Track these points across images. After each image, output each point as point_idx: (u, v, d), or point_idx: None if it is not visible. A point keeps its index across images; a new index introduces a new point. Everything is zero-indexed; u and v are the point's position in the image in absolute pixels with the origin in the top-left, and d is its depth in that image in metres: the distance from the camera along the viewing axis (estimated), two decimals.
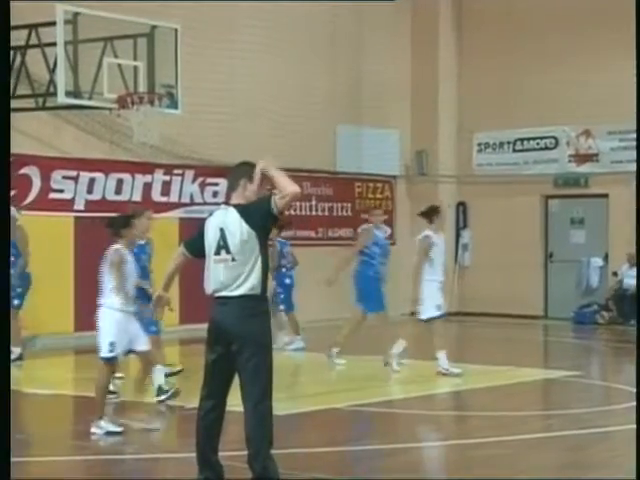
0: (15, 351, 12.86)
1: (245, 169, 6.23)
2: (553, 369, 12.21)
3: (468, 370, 12.06)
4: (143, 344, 8.57)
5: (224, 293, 5.97)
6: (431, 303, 11.50)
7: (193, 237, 6.28)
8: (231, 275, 5.94)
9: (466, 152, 20.17)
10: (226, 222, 6.00)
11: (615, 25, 17.45)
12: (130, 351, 8.55)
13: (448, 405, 10.40)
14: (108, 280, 8.32)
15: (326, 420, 8.95)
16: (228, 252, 5.96)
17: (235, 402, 6.16)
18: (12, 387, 11.25)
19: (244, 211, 5.98)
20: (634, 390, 8.65)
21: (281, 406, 8.82)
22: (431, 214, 11.80)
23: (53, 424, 9.24)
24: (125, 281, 8.31)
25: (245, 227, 5.93)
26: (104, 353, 8.35)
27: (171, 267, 6.42)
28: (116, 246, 8.38)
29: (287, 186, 5.94)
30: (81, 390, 10.99)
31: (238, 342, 5.91)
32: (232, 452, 7.41)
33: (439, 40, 20.12)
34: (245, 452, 6.01)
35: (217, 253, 6.00)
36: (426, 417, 9.34)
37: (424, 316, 11.55)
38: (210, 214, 6.22)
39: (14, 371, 12.26)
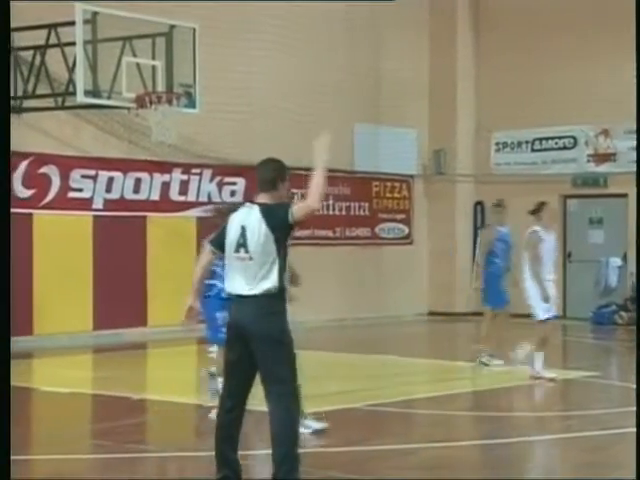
0: None
1: (276, 167, 6.16)
2: (571, 369, 12.16)
3: (485, 370, 12.03)
4: None
5: (241, 292, 5.95)
6: (541, 303, 11.12)
7: (218, 234, 6.21)
8: (249, 274, 5.91)
9: (484, 151, 20.12)
10: (248, 220, 5.95)
11: (635, 23, 17.33)
12: None
13: (466, 405, 10.38)
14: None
15: (343, 420, 8.94)
16: (247, 251, 5.92)
17: (251, 401, 6.16)
18: (31, 385, 11.35)
19: (267, 211, 5.93)
20: None
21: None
22: (538, 210, 11.53)
23: (71, 422, 9.27)
24: None
25: (264, 228, 5.89)
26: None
27: (198, 271, 6.29)
28: None
29: (312, 197, 5.82)
30: (99, 389, 11.04)
31: (255, 341, 5.89)
32: (247, 451, 7.42)
33: (457, 39, 20.08)
34: (261, 451, 6.01)
35: (236, 251, 5.97)
36: (444, 417, 9.32)
37: (541, 317, 11.15)
38: (231, 209, 6.16)
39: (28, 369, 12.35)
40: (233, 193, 17.14)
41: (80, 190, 15.22)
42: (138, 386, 11.13)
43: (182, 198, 16.40)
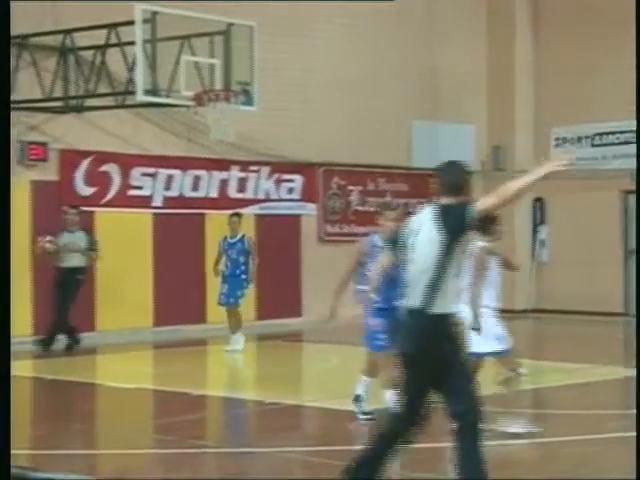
0: None
1: (465, 171, 5.80)
2: (633, 367, 11.98)
3: (546, 368, 11.92)
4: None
5: (406, 298, 5.55)
6: None
7: (395, 235, 5.84)
8: (409, 280, 5.52)
9: (543, 147, 19.92)
10: (423, 221, 5.57)
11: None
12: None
13: (526, 403, 10.29)
14: (477, 280, 7.98)
15: None
16: (414, 253, 5.51)
17: (310, 397, 6.17)
18: (95, 381, 11.50)
19: (443, 211, 5.51)
20: None
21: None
22: None
23: (134, 418, 9.38)
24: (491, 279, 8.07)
25: (436, 229, 5.46)
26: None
27: (377, 273, 5.90)
28: (481, 244, 7.95)
29: (501, 192, 5.44)
30: (160, 384, 11.16)
31: (421, 360, 5.53)
32: (310, 447, 7.46)
33: (516, 33, 19.90)
34: (322, 447, 6.00)
35: (406, 253, 5.57)
36: (503, 415, 9.24)
37: None
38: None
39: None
40: (291, 190, 17.19)
41: (140, 188, 15.38)
42: (198, 382, 11.22)
43: (240, 195, 16.48)
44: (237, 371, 13.20)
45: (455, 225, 5.43)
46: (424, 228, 5.51)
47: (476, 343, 7.83)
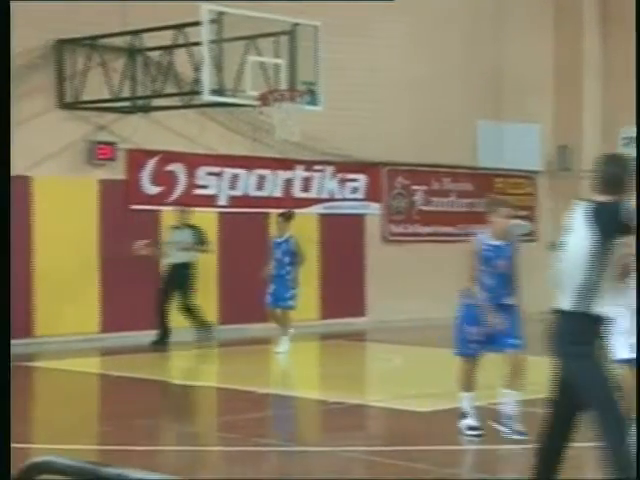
0: None
1: (626, 166, 5.34)
2: None
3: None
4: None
5: (555, 300, 5.30)
6: None
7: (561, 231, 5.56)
8: (559, 280, 5.25)
9: (611, 147, 19.62)
10: (577, 219, 5.26)
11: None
12: None
13: None
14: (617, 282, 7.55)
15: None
16: (563, 252, 5.25)
17: (373, 397, 6.16)
18: (160, 378, 11.61)
19: (597, 209, 5.16)
20: None
21: (427, 403, 8.79)
22: None
23: (199, 415, 9.47)
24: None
25: (586, 228, 5.15)
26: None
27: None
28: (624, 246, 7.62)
29: None
30: (225, 382, 11.25)
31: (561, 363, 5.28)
32: (373, 447, 7.44)
33: (583, 31, 19.64)
34: (385, 447, 5.99)
35: (558, 250, 5.33)
36: None
37: None
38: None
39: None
40: (355, 190, 17.19)
41: (205, 187, 15.51)
42: (262, 380, 11.28)
43: (304, 195, 16.53)
44: (300, 370, 13.24)
45: (608, 224, 5.12)
46: (576, 226, 5.23)
47: (617, 348, 7.34)
